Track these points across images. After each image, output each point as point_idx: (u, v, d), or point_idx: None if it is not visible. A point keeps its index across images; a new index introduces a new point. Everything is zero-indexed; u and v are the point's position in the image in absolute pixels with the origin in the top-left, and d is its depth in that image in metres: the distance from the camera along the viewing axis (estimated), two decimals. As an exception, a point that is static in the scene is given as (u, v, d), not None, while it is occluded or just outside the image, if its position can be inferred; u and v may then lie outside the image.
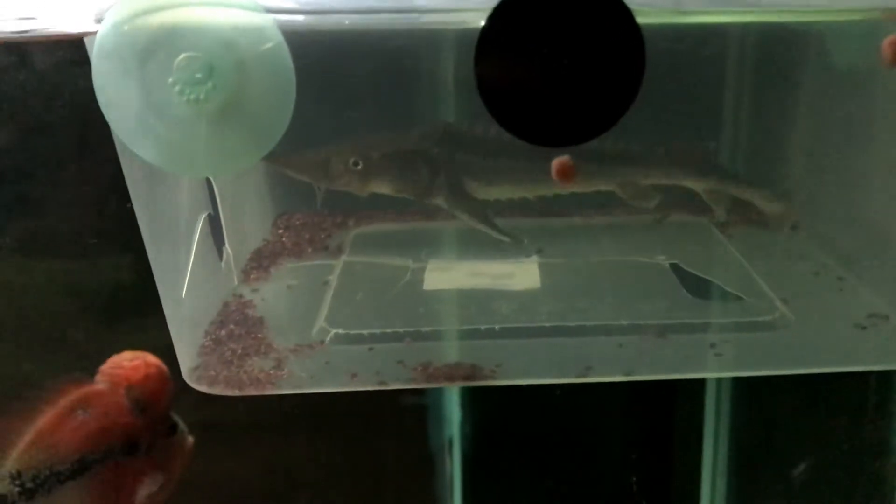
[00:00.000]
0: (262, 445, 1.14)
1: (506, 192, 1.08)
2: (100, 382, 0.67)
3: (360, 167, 1.05)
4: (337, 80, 1.01)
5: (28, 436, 0.65)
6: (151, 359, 0.68)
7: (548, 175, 1.03)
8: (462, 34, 0.74)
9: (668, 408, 1.20)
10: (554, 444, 1.19)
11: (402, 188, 1.07)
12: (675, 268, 1.08)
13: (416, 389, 1.07)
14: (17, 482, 0.65)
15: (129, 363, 0.67)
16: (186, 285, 0.93)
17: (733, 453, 1.19)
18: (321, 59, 0.76)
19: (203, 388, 0.86)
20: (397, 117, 1.08)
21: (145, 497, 0.68)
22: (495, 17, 0.68)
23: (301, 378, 0.89)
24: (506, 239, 1.07)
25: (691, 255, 1.10)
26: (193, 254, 0.97)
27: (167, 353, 0.93)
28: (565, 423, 1.16)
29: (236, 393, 0.86)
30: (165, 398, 0.68)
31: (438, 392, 1.13)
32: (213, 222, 1.03)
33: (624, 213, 1.17)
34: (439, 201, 1.06)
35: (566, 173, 0.74)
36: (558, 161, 0.75)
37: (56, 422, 0.66)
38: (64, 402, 0.66)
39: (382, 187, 1.07)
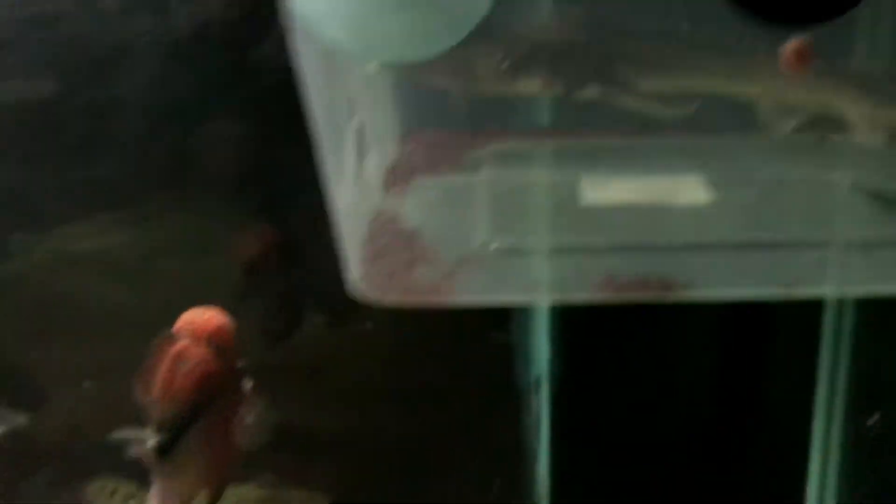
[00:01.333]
0: (344, 381, 1.12)
1: (666, 84, 0.96)
2: (182, 338, 0.76)
3: (506, 65, 0.97)
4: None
5: (156, 391, 0.75)
6: (216, 311, 0.78)
7: (719, 65, 0.97)
8: None
9: (774, 343, 1.14)
10: (645, 384, 1.15)
11: (553, 83, 0.97)
12: (857, 185, 0.99)
13: (504, 327, 1.06)
14: (164, 433, 0.75)
15: (201, 317, 0.77)
16: (347, 195, 0.88)
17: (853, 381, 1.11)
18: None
19: (376, 297, 0.82)
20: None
21: (238, 437, 0.78)
22: None
23: (473, 288, 0.83)
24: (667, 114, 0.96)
25: (870, 170, 1.01)
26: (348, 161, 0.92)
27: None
28: (657, 361, 1.13)
29: (412, 301, 0.81)
30: (235, 345, 0.77)
31: (526, 330, 1.09)
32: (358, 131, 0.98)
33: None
34: (592, 94, 0.97)
35: (803, 57, 0.67)
36: (793, 44, 0.67)
37: (169, 375, 0.75)
38: (167, 357, 0.75)
39: (531, 85, 0.99)
